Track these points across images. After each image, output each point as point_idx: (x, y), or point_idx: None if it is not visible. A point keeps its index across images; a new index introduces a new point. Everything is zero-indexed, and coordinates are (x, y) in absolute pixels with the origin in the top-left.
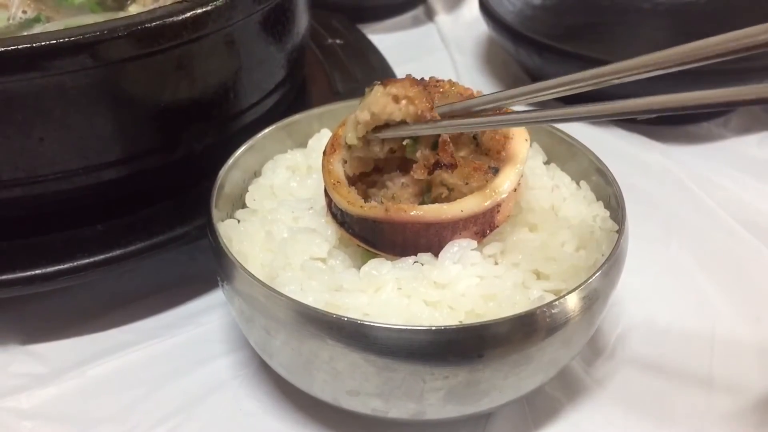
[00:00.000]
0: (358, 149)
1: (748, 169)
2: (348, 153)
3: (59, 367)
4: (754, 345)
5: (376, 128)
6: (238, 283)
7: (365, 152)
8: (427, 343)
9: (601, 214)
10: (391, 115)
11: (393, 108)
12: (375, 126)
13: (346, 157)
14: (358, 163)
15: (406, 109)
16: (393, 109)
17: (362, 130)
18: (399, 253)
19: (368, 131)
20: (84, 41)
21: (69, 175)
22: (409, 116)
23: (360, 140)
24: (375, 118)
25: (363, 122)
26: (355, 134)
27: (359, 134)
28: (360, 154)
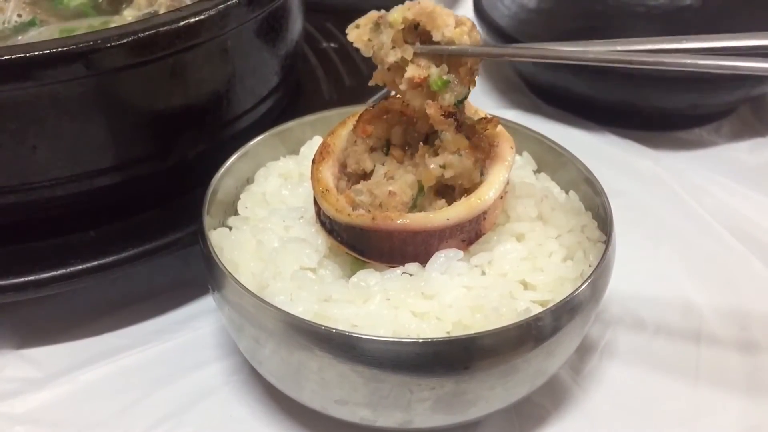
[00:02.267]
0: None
1: (739, 176)
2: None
3: (53, 372)
4: (739, 353)
5: (412, 33)
6: (228, 293)
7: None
8: (414, 355)
9: (590, 225)
10: (445, 26)
11: (451, 22)
12: (414, 26)
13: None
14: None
15: (461, 33)
16: (451, 22)
17: (411, 14)
18: (387, 260)
19: (408, 26)
20: (77, 50)
21: (62, 182)
22: (459, 39)
23: (404, 22)
24: (430, 16)
25: (419, 8)
26: (402, 14)
27: (407, 16)
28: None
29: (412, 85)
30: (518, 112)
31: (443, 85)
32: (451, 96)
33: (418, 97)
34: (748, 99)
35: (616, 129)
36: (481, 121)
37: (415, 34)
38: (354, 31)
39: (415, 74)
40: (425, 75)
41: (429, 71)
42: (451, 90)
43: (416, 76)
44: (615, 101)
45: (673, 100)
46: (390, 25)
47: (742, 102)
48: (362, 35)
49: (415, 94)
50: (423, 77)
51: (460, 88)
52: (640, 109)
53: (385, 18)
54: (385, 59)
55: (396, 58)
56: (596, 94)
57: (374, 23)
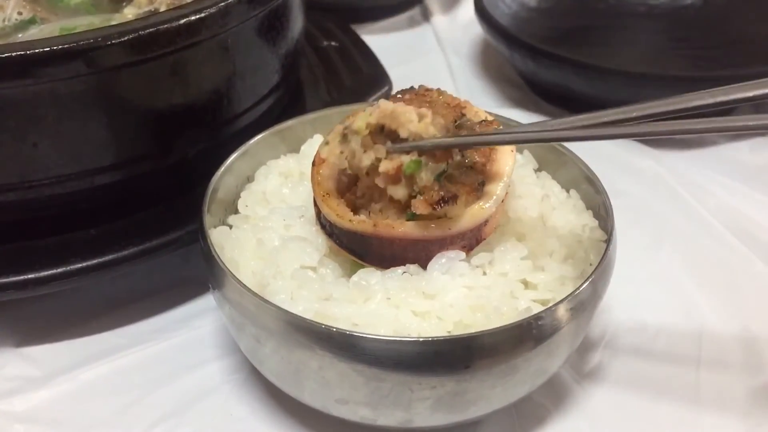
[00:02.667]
0: (347, 150)
1: (740, 176)
2: (340, 143)
3: (52, 371)
4: (740, 353)
5: (380, 135)
6: (228, 291)
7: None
8: (414, 354)
9: (590, 224)
10: (408, 123)
11: (413, 118)
12: (380, 129)
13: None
14: None
15: (425, 126)
16: (413, 118)
17: (374, 119)
18: (387, 265)
19: (374, 130)
20: (78, 48)
21: (62, 180)
22: (425, 133)
23: (367, 128)
24: (393, 117)
25: (379, 112)
26: (364, 123)
27: (370, 121)
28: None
29: (389, 180)
30: (519, 111)
31: (416, 165)
32: (427, 174)
33: (401, 190)
34: (748, 99)
35: None
36: (481, 124)
37: (383, 136)
38: (325, 148)
39: (387, 167)
40: (398, 164)
41: (400, 159)
42: (426, 168)
43: (389, 169)
44: (615, 100)
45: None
46: (356, 133)
47: (742, 101)
48: (333, 149)
49: (397, 189)
50: (396, 167)
51: (434, 166)
52: None
53: (350, 128)
54: (360, 165)
55: (370, 160)
56: (597, 92)
57: (341, 135)
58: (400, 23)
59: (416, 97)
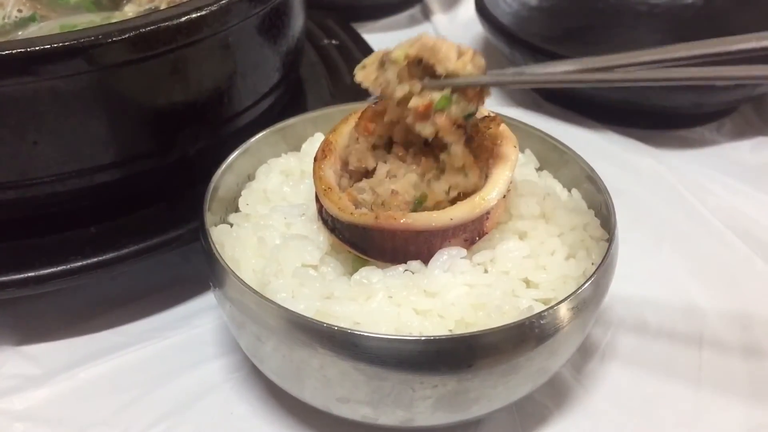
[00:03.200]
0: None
1: (741, 175)
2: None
3: (52, 369)
4: (741, 352)
5: (416, 68)
6: (229, 290)
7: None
8: (416, 353)
9: (592, 223)
10: (447, 59)
11: (453, 55)
12: (418, 61)
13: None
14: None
15: (463, 64)
16: (452, 56)
17: (414, 51)
18: (389, 259)
19: (412, 62)
20: (79, 45)
21: (63, 178)
22: (463, 70)
23: (405, 59)
24: (432, 51)
25: (420, 44)
26: (403, 54)
27: (410, 53)
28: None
29: (418, 116)
30: (520, 110)
31: (446, 102)
32: (457, 109)
33: (427, 127)
34: (750, 98)
35: (617, 127)
36: (485, 120)
37: (420, 68)
38: (361, 72)
39: (418, 103)
40: (428, 101)
41: (431, 97)
42: (456, 105)
43: (420, 105)
44: (617, 99)
45: (675, 98)
46: (394, 63)
47: (744, 101)
48: (369, 75)
49: (425, 125)
50: (427, 104)
51: (465, 104)
52: (641, 107)
53: (388, 56)
54: (393, 95)
55: (404, 92)
56: (598, 92)
57: (379, 61)
58: (400, 22)
59: None
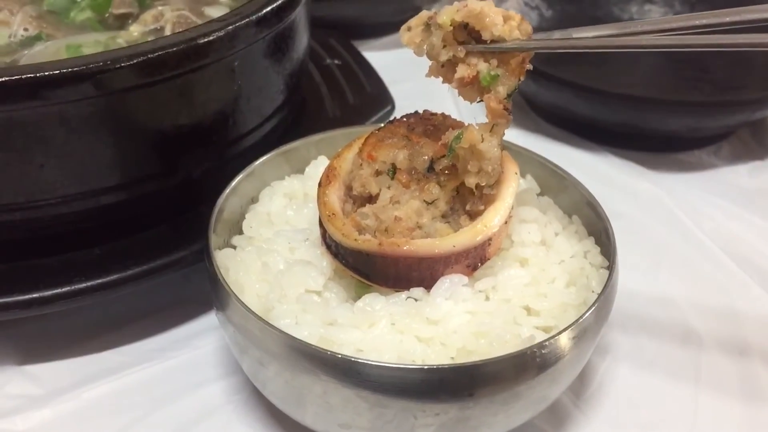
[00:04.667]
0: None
1: (738, 199)
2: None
3: (55, 389)
4: (738, 378)
5: (462, 32)
6: (232, 314)
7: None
8: (419, 381)
9: (592, 250)
10: (494, 25)
11: (499, 21)
12: (463, 26)
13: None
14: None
15: (510, 29)
16: (499, 21)
17: (460, 17)
18: (392, 284)
19: (457, 26)
20: (87, 71)
21: (68, 200)
22: (509, 36)
23: (451, 24)
24: (479, 17)
25: (467, 10)
26: (450, 16)
27: (456, 18)
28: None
29: (463, 84)
30: (519, 131)
31: (492, 79)
32: (503, 89)
33: (471, 93)
34: (747, 122)
35: (616, 150)
36: None
37: (466, 33)
38: (406, 34)
39: (464, 74)
40: (474, 73)
41: (478, 68)
42: (501, 83)
43: (466, 76)
44: (615, 122)
45: (673, 122)
46: (440, 27)
47: (741, 125)
48: (414, 37)
49: (468, 91)
50: (473, 75)
51: (509, 80)
52: (640, 130)
53: (434, 19)
54: (438, 58)
55: (448, 56)
56: (597, 115)
57: (425, 24)
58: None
59: (420, 121)
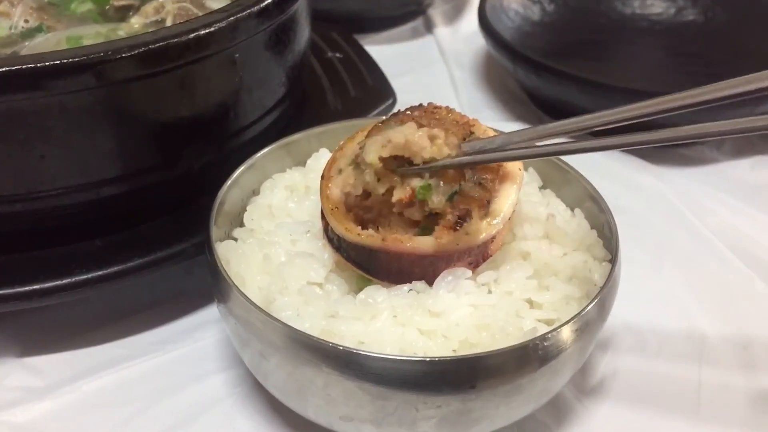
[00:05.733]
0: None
1: (741, 194)
2: (354, 171)
3: (55, 381)
4: (741, 373)
5: (392, 160)
6: (234, 306)
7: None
8: (421, 374)
9: (595, 244)
10: (422, 150)
11: (426, 144)
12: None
13: (349, 176)
14: None
15: (438, 149)
16: (426, 145)
17: (387, 153)
18: (394, 280)
19: (386, 158)
20: (88, 61)
21: (69, 191)
22: (439, 155)
23: (380, 161)
24: (406, 148)
25: (392, 146)
26: (377, 155)
27: (383, 155)
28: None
29: (404, 206)
30: (522, 125)
31: (426, 191)
32: (439, 196)
33: (417, 212)
34: None
35: None
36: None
37: (396, 160)
38: (338, 178)
39: (401, 195)
40: (410, 192)
41: (412, 186)
42: (437, 192)
43: (403, 197)
44: None
45: (675, 116)
46: (369, 165)
47: None
48: (348, 179)
49: (413, 212)
50: (410, 194)
51: (446, 187)
52: (642, 124)
53: (362, 158)
54: (376, 191)
55: (385, 188)
56: (599, 108)
57: (354, 163)
58: (403, 34)
59: (425, 114)
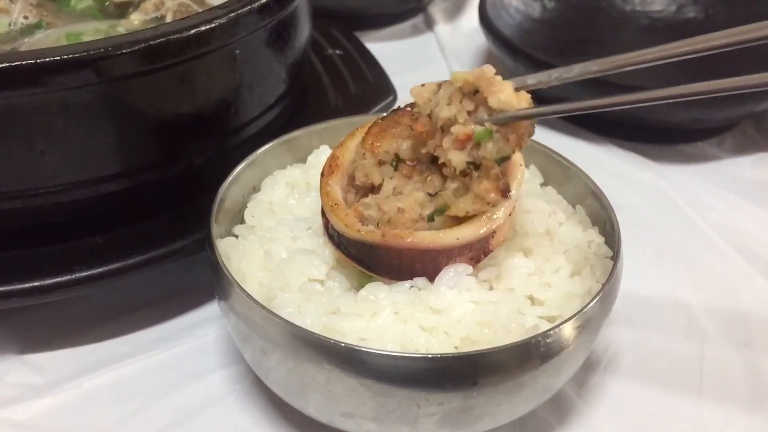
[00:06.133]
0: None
1: (742, 191)
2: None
3: (56, 378)
4: (742, 370)
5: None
6: (235, 303)
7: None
8: (422, 370)
9: (596, 240)
10: (501, 94)
11: (508, 90)
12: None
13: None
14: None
15: (516, 99)
16: (508, 90)
17: (469, 80)
18: (394, 276)
19: (468, 89)
20: (88, 57)
21: (69, 188)
22: (516, 106)
23: (464, 84)
24: (488, 84)
25: (477, 74)
26: (463, 77)
27: (467, 79)
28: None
29: (456, 143)
30: None
31: (486, 135)
32: (493, 147)
33: (462, 156)
34: (750, 114)
35: (619, 141)
36: None
37: (474, 100)
38: (417, 88)
39: (460, 131)
40: (470, 131)
41: (473, 128)
42: (494, 142)
43: (461, 132)
44: (619, 114)
45: (676, 114)
46: (451, 84)
47: (744, 117)
48: (423, 93)
49: (460, 155)
50: (468, 133)
51: (502, 146)
52: (643, 122)
53: (448, 80)
54: (438, 113)
55: (449, 114)
56: None
57: (437, 85)
58: (403, 31)
59: None
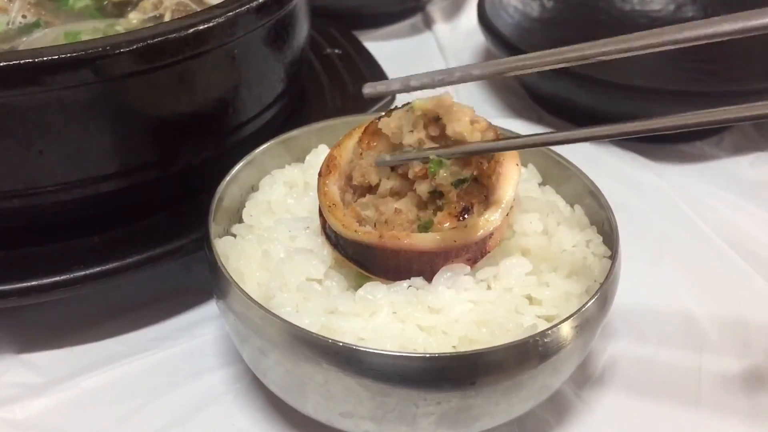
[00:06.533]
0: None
1: (741, 190)
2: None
3: (54, 378)
4: (741, 370)
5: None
6: (233, 303)
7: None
8: (421, 370)
9: (595, 240)
10: (457, 123)
11: (465, 120)
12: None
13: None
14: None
15: (470, 130)
16: (465, 120)
17: (430, 107)
18: (391, 276)
19: (429, 116)
20: (87, 56)
21: (67, 187)
22: (470, 137)
23: (424, 111)
24: (447, 110)
25: (437, 101)
26: (423, 105)
27: (426, 107)
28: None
29: (418, 174)
30: (521, 122)
31: (438, 165)
32: (446, 175)
33: (425, 185)
34: None
35: (617, 140)
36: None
37: (435, 125)
38: (384, 120)
39: (416, 167)
40: (424, 167)
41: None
42: (447, 171)
43: (418, 168)
44: (617, 112)
45: (675, 113)
46: (412, 110)
47: None
48: (390, 123)
49: (422, 184)
50: (423, 168)
51: (457, 170)
52: None
53: (411, 105)
54: (401, 141)
55: (412, 140)
56: (598, 105)
57: (403, 112)
58: (402, 30)
59: None
